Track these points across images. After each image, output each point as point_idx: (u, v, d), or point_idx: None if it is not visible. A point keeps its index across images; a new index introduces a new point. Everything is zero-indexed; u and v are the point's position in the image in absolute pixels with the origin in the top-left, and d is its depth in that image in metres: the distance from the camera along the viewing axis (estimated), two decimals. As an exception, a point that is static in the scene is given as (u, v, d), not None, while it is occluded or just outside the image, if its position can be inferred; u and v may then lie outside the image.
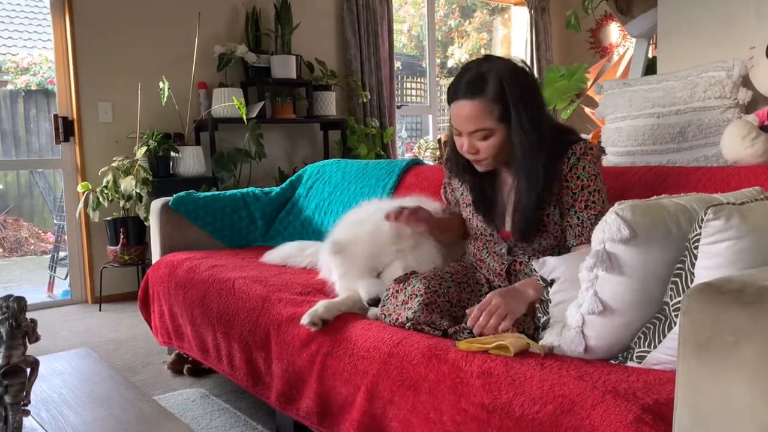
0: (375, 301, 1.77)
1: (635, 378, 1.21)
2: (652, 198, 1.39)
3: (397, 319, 1.64)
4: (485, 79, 1.59)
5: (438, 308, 1.61)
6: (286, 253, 2.56)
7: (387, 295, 1.71)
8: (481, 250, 1.82)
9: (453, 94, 1.64)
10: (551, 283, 1.49)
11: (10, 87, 6.90)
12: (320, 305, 1.78)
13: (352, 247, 1.83)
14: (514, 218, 1.70)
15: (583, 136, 3.47)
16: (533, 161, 1.60)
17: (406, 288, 1.66)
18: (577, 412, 1.15)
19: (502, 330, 1.46)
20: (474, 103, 1.59)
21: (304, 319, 1.76)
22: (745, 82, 2.04)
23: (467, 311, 1.57)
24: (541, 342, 1.43)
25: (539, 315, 1.53)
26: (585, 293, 1.34)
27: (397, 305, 1.66)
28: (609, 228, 1.28)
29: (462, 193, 1.87)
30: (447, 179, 1.95)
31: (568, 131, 1.70)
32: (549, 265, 1.49)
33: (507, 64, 1.63)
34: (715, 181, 1.73)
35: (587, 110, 5.15)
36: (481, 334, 1.48)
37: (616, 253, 1.29)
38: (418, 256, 1.81)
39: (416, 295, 1.62)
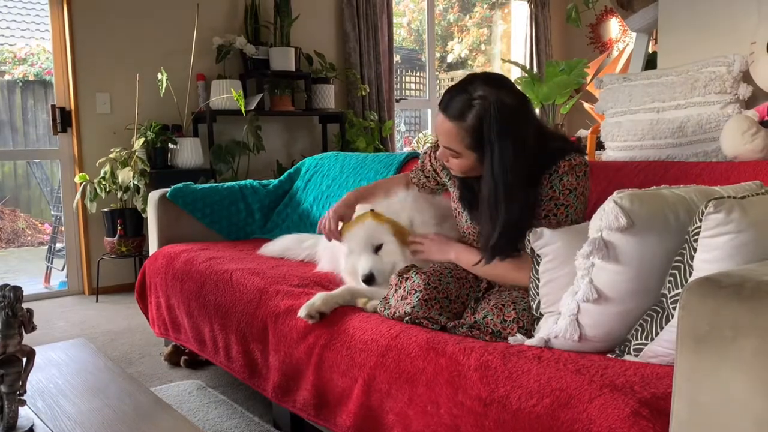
0: (369, 278, 1.80)
1: (632, 372, 1.21)
2: (651, 188, 1.39)
3: (395, 313, 1.65)
4: (470, 107, 1.56)
5: (437, 304, 1.61)
6: (284, 245, 2.56)
7: (390, 286, 1.73)
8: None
9: (440, 105, 1.64)
10: (539, 257, 1.49)
11: (7, 77, 6.87)
12: (318, 298, 1.78)
13: (354, 225, 1.89)
14: (484, 245, 1.65)
15: (582, 132, 3.46)
16: (496, 203, 1.56)
17: (405, 283, 1.67)
18: (575, 406, 1.14)
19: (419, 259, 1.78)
20: (450, 124, 1.59)
21: (302, 312, 1.76)
22: (746, 77, 2.04)
23: (466, 315, 1.60)
24: (536, 335, 1.43)
25: (531, 297, 1.53)
26: (580, 281, 1.34)
27: (397, 300, 1.67)
28: (606, 216, 1.28)
29: (449, 184, 1.90)
30: (433, 152, 1.93)
31: (558, 149, 1.61)
32: (544, 239, 1.49)
33: (500, 97, 1.55)
34: (714, 176, 1.73)
35: (586, 105, 5.15)
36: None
37: (613, 241, 1.29)
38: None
39: (416, 290, 1.63)
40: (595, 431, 1.09)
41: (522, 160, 1.55)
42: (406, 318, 1.61)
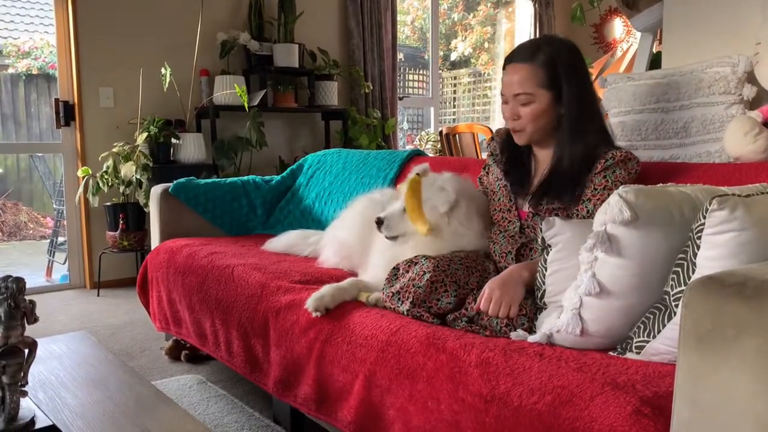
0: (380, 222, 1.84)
1: (634, 370, 1.21)
2: (657, 185, 1.39)
3: (400, 293, 1.65)
4: (538, 48, 1.68)
5: (443, 287, 1.61)
6: (289, 241, 2.56)
7: (395, 272, 1.72)
8: (496, 233, 1.83)
9: (506, 60, 1.74)
10: (549, 247, 1.49)
11: (11, 71, 6.87)
12: (327, 293, 1.76)
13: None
14: (541, 183, 1.74)
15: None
16: (580, 131, 1.66)
17: (414, 267, 1.67)
18: (576, 404, 1.14)
19: (511, 316, 1.51)
20: (522, 66, 1.68)
21: (309, 305, 1.75)
22: (750, 78, 2.03)
23: (468, 304, 1.59)
24: (538, 330, 1.43)
25: (537, 286, 1.53)
26: (583, 275, 1.34)
27: (403, 282, 1.66)
28: (611, 209, 1.28)
29: (495, 174, 1.91)
30: (487, 162, 1.99)
31: (605, 132, 1.73)
32: (555, 228, 1.49)
33: (565, 43, 1.71)
34: (716, 177, 1.72)
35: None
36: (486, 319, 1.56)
37: (617, 235, 1.29)
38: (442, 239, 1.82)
39: (425, 272, 1.63)
40: (596, 429, 1.09)
41: (594, 97, 1.69)
42: (411, 298, 1.60)
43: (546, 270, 1.50)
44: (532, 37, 6.21)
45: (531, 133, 1.73)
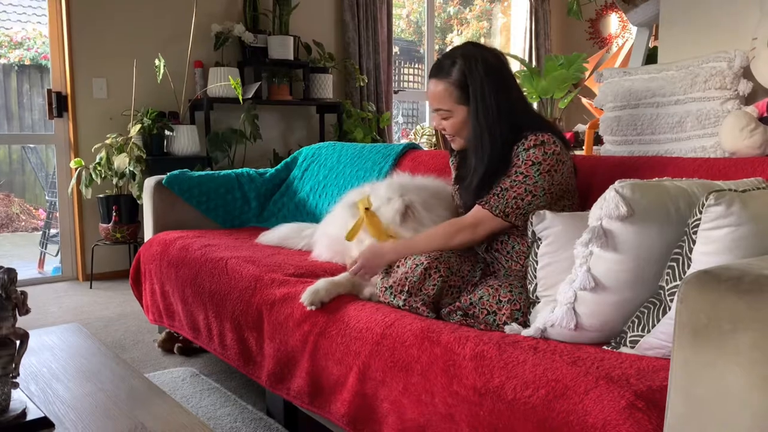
0: None
1: (628, 364, 1.21)
2: (653, 179, 1.39)
3: (395, 283, 1.66)
4: (454, 64, 1.71)
5: (437, 273, 1.63)
6: (283, 234, 2.55)
7: (390, 267, 1.73)
8: None
9: (429, 73, 1.79)
10: (539, 240, 1.49)
11: (3, 61, 6.82)
12: (322, 287, 1.76)
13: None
14: (466, 191, 1.80)
15: (580, 126, 3.43)
16: (483, 145, 1.69)
17: (406, 261, 1.69)
18: (570, 397, 1.14)
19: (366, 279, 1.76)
20: (438, 83, 1.74)
21: (305, 299, 1.75)
22: (746, 73, 2.03)
23: (463, 297, 1.62)
24: (532, 324, 1.44)
25: (528, 279, 1.54)
26: (578, 269, 1.34)
27: (398, 277, 1.67)
28: (607, 204, 1.28)
29: (453, 169, 1.98)
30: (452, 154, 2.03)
31: (534, 124, 1.70)
32: (545, 221, 1.50)
33: (481, 53, 1.72)
34: (712, 172, 1.73)
35: (584, 101, 5.14)
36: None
37: (613, 230, 1.29)
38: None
39: (416, 265, 1.65)
40: (590, 423, 1.09)
41: (505, 109, 1.68)
42: (407, 287, 1.62)
43: (537, 263, 1.50)
44: (527, 32, 6.21)
45: (461, 141, 1.78)
